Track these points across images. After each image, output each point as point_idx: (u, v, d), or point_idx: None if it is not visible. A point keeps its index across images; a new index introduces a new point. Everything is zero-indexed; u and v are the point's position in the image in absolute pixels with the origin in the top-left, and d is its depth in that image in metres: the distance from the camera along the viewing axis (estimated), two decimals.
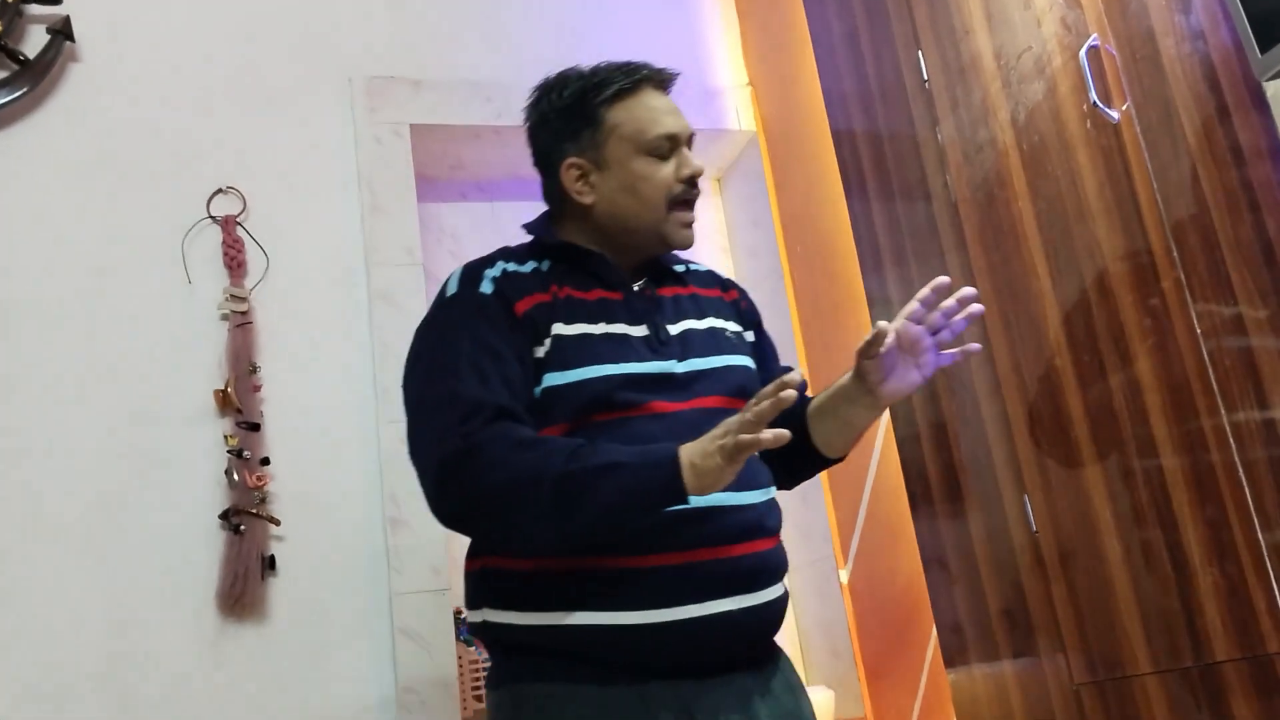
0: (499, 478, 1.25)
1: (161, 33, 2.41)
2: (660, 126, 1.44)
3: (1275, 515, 1.41)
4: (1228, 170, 1.45)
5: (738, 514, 1.35)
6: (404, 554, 2.26)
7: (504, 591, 1.36)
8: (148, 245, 2.26)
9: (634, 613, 1.28)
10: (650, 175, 1.44)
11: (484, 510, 1.27)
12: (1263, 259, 1.40)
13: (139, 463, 2.14)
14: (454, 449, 1.26)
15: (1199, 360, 1.50)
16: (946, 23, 2.00)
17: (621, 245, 1.47)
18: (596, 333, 1.39)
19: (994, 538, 1.92)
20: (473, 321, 1.37)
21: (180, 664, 2.07)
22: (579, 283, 1.44)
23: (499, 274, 1.42)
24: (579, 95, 1.47)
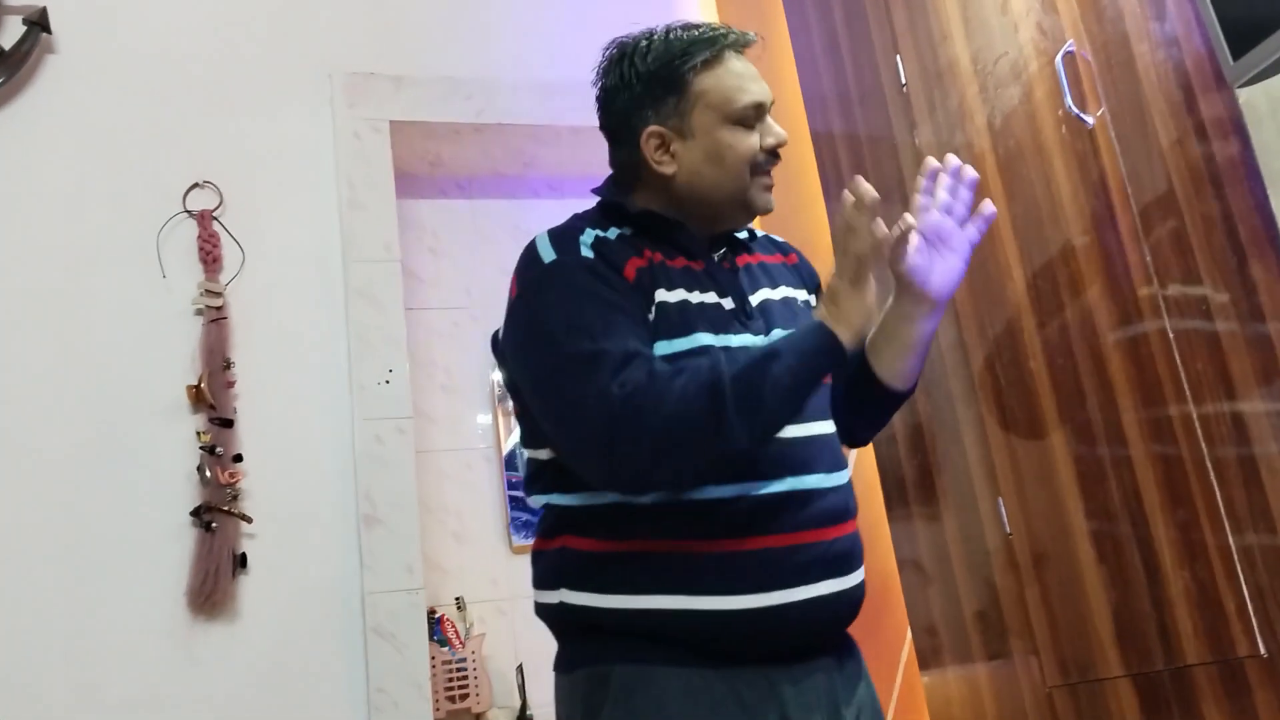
0: (672, 408, 1.20)
1: (140, 25, 2.39)
2: (748, 95, 1.39)
3: (1246, 519, 1.41)
4: (1200, 175, 1.46)
5: (830, 496, 1.32)
6: (377, 552, 2.25)
7: (585, 573, 1.31)
8: (122, 239, 2.25)
9: (729, 597, 1.25)
10: (736, 144, 1.38)
11: (666, 447, 1.21)
12: (1235, 264, 1.41)
13: (110, 457, 2.13)
14: (615, 400, 1.21)
15: (1171, 364, 1.51)
16: (925, 27, 2.01)
17: (699, 215, 1.42)
18: (694, 301, 1.35)
19: (968, 540, 1.92)
20: (587, 282, 1.30)
21: (149, 662, 2.05)
22: (665, 251, 1.39)
23: (593, 240, 1.36)
24: (664, 62, 1.40)
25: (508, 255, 2.83)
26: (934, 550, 2.02)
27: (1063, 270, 1.70)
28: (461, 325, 2.75)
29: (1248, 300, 1.40)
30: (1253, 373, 1.40)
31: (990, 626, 1.88)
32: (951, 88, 1.94)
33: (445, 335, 2.73)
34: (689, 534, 1.26)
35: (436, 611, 2.51)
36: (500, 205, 2.89)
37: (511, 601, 2.63)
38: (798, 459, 1.30)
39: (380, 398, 2.33)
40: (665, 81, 1.39)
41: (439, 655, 2.45)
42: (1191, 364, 1.48)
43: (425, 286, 2.75)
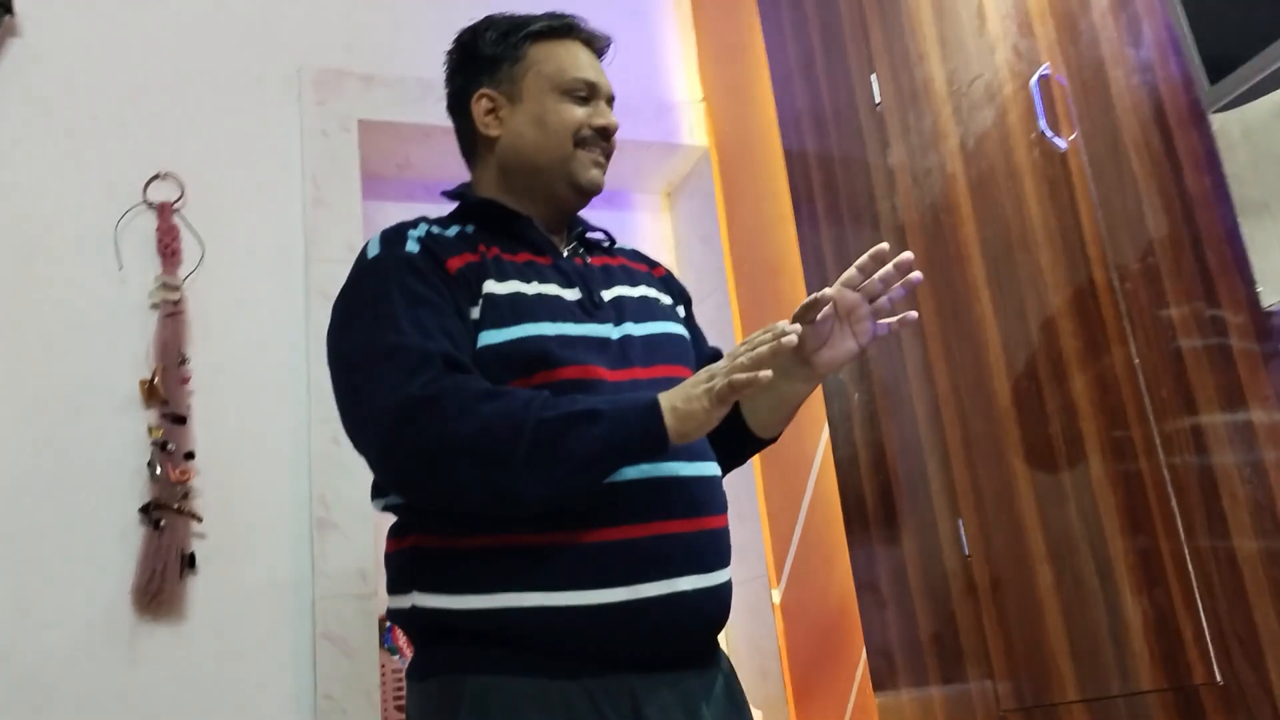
0: (466, 428, 1.16)
1: (106, 10, 2.35)
2: (581, 71, 1.43)
3: (1206, 547, 1.41)
4: (1172, 201, 1.46)
5: (694, 485, 1.29)
6: (330, 557, 2.21)
7: (438, 572, 1.25)
8: (79, 228, 2.20)
9: (583, 592, 1.20)
10: (561, 111, 1.41)
11: (445, 464, 1.17)
12: (1203, 291, 1.41)
13: (58, 450, 2.07)
14: (409, 397, 1.17)
15: (1136, 391, 1.51)
16: (901, 47, 2.01)
17: (531, 191, 1.43)
18: (530, 292, 1.33)
19: (927, 562, 1.91)
20: (403, 278, 1.29)
21: (91, 661, 1.99)
22: (505, 245, 1.38)
23: (423, 234, 1.36)
24: (503, 32, 1.46)
25: None
26: (893, 572, 2.01)
27: (1031, 294, 1.70)
28: None
29: (1214, 326, 1.40)
30: (1217, 398, 1.40)
31: (946, 649, 1.87)
32: (926, 109, 1.94)
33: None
34: (542, 526, 1.22)
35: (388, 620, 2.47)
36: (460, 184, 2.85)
37: None
38: None
39: None
40: (503, 48, 1.45)
41: (389, 664, 2.41)
42: (1156, 389, 1.48)
43: None
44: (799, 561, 2.45)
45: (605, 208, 2.80)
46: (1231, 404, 1.38)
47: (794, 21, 2.38)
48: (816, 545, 2.39)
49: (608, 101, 1.46)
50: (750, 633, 2.54)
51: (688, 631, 1.27)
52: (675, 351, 1.42)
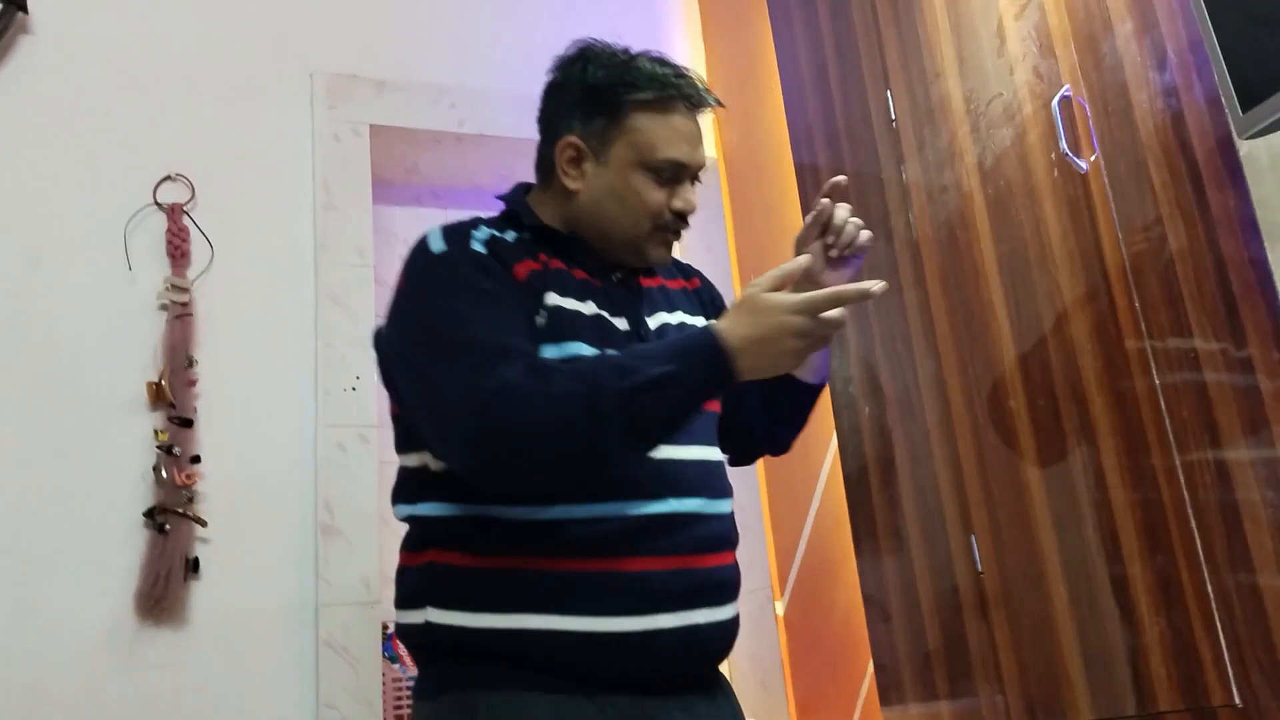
0: (551, 409, 1.16)
1: (120, 10, 2.33)
2: (676, 151, 1.37)
3: (1225, 566, 1.42)
4: (1194, 225, 1.47)
5: (713, 523, 1.31)
6: (334, 564, 2.20)
7: (455, 589, 1.25)
8: (89, 227, 2.18)
9: (602, 619, 1.21)
10: (643, 192, 1.36)
11: (534, 449, 1.17)
12: (1225, 315, 1.42)
13: (63, 452, 2.06)
14: (493, 390, 1.16)
15: (1156, 411, 1.52)
16: (918, 64, 2.02)
17: (593, 240, 1.40)
18: (586, 312, 1.33)
19: (938, 576, 1.92)
20: (473, 275, 1.27)
21: (93, 665, 1.98)
22: (564, 260, 1.37)
23: (487, 237, 1.32)
24: (611, 81, 1.38)
25: None
26: (901, 585, 2.01)
27: (1048, 312, 1.71)
28: None
29: (1237, 352, 1.41)
30: (1239, 422, 1.41)
31: (956, 664, 1.87)
32: (942, 126, 1.95)
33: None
34: (564, 552, 1.23)
35: (389, 627, 2.45)
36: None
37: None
38: (680, 481, 1.29)
39: (345, 404, 2.28)
40: (603, 100, 1.38)
41: (390, 673, 2.40)
42: (1177, 411, 1.49)
43: None
44: (803, 574, 2.45)
45: None
46: (1255, 428, 1.39)
47: (807, 35, 2.39)
48: (822, 558, 2.39)
49: (695, 177, 1.42)
50: (752, 645, 2.54)
51: (697, 661, 1.30)
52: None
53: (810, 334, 1.17)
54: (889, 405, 2.06)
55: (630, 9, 2.90)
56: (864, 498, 2.12)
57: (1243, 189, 1.38)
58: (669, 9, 2.97)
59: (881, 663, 2.06)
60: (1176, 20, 1.52)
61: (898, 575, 2.02)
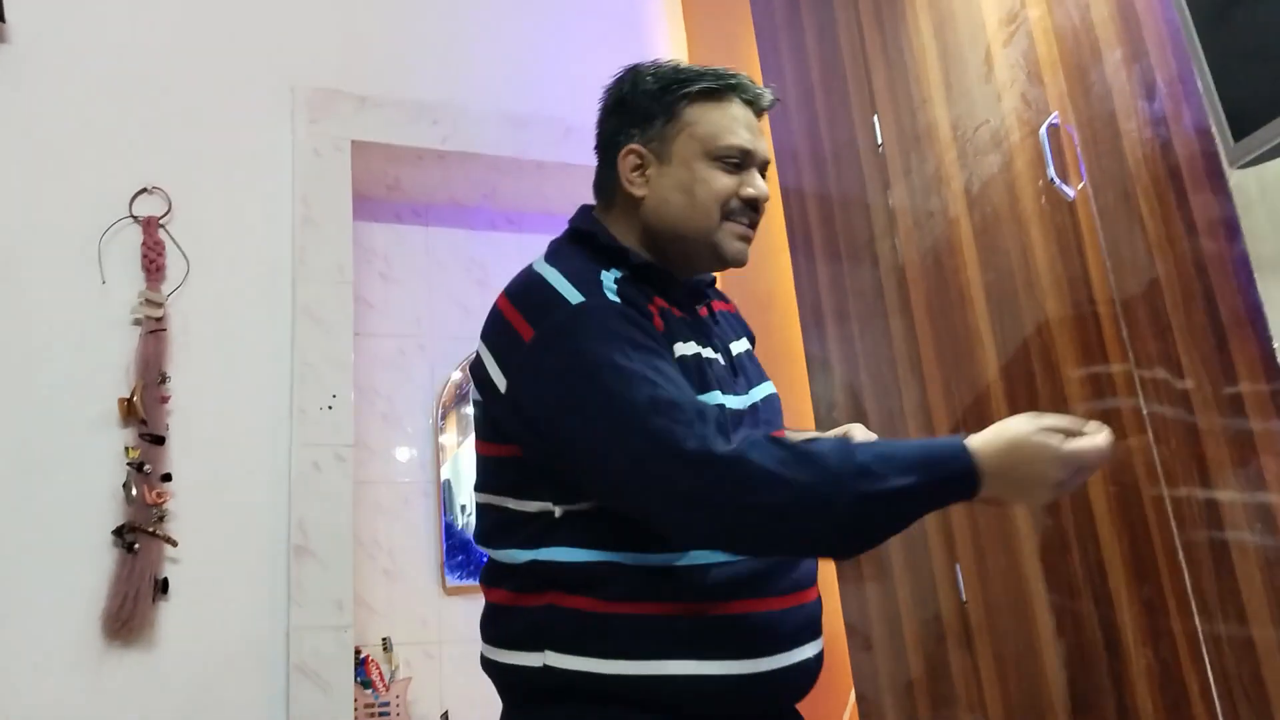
0: (781, 497, 1.12)
1: (98, 21, 2.30)
2: (736, 137, 1.34)
3: (1213, 600, 1.41)
4: (1182, 254, 1.47)
5: (810, 559, 1.32)
6: (307, 586, 2.16)
7: (581, 634, 1.21)
8: (63, 239, 2.15)
9: (740, 661, 1.20)
10: (711, 181, 1.32)
11: (757, 529, 1.14)
12: (1214, 343, 1.41)
13: (31, 467, 2.01)
14: (706, 457, 1.12)
15: (1143, 440, 1.51)
16: (905, 90, 2.02)
17: (671, 252, 1.36)
18: (706, 355, 1.30)
19: (921, 605, 1.90)
20: (624, 328, 1.22)
21: (59, 686, 1.93)
22: (665, 297, 1.34)
23: (614, 285, 1.28)
24: (663, 85, 1.36)
25: (460, 285, 2.81)
26: (884, 613, 1.99)
27: (1035, 340, 1.70)
28: (408, 354, 2.68)
29: (1225, 382, 1.40)
30: (1228, 457, 1.40)
31: (939, 694, 1.85)
32: (929, 152, 1.95)
33: (390, 363, 2.66)
34: (700, 596, 1.21)
35: (361, 651, 2.41)
36: (456, 235, 2.83)
37: (440, 645, 2.54)
38: None
39: (321, 423, 2.25)
40: (658, 103, 1.36)
41: (361, 698, 2.35)
42: (1165, 444, 1.48)
43: (374, 312, 2.68)
44: None
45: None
46: (1244, 463, 1.38)
47: (793, 60, 2.38)
48: None
49: (762, 168, 1.38)
50: None
51: (800, 694, 1.30)
52: (779, 413, 1.41)
53: (1062, 484, 1.13)
54: (874, 431, 2.04)
55: (615, 32, 2.90)
56: None
57: (1232, 219, 1.37)
58: (655, 33, 2.97)
59: (863, 692, 2.04)
60: (1166, 49, 1.52)
61: (881, 604, 2.00)
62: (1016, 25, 1.78)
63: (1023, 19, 1.77)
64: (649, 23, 2.97)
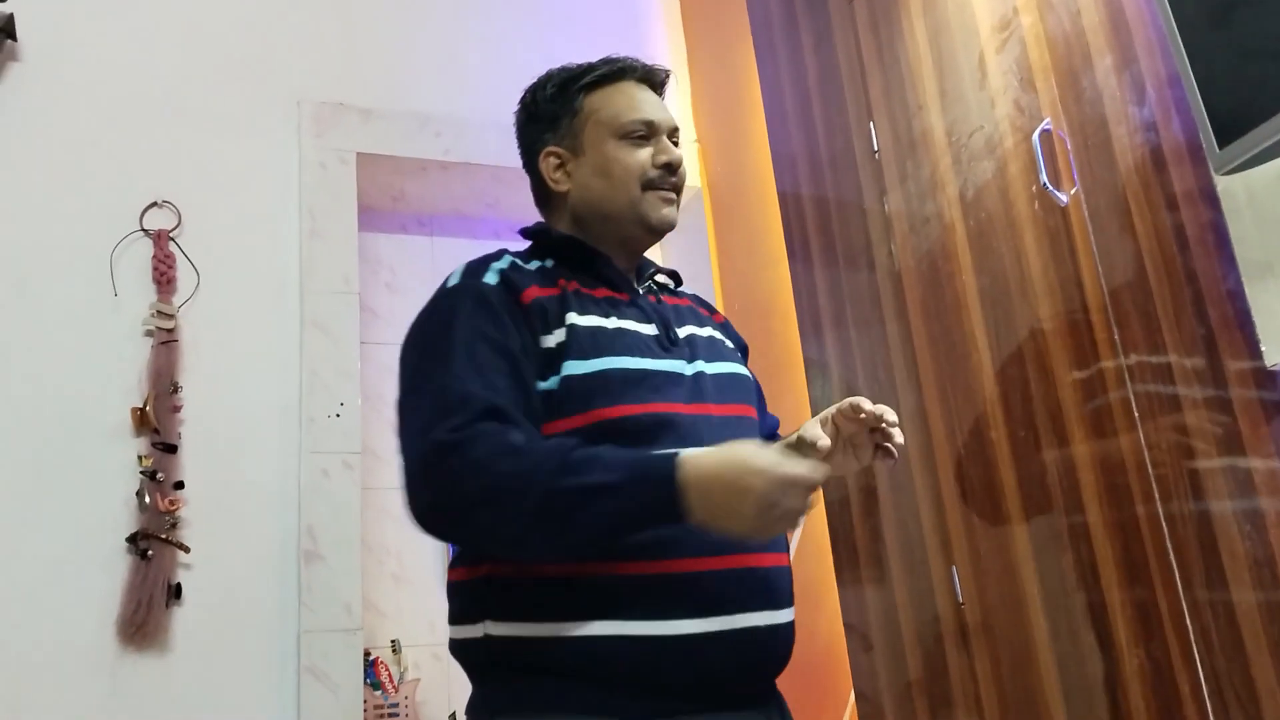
0: (479, 483, 1.16)
1: (108, 39, 2.35)
2: (638, 112, 1.42)
3: (1204, 600, 1.43)
4: (1173, 259, 1.49)
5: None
6: (316, 590, 2.19)
7: (514, 600, 1.23)
8: (75, 253, 2.18)
9: (660, 622, 1.18)
10: (623, 158, 1.40)
11: (458, 515, 1.18)
12: (1204, 349, 1.44)
13: (47, 476, 2.05)
14: (435, 445, 1.18)
15: (1135, 443, 1.53)
16: (900, 97, 2.05)
17: (605, 236, 1.42)
18: (610, 326, 1.33)
19: (919, 607, 1.92)
20: (474, 310, 1.29)
21: (73, 692, 1.97)
22: (585, 281, 1.39)
23: (505, 265, 1.36)
24: (560, 86, 1.46)
25: None
26: (882, 615, 2.02)
27: (1029, 343, 1.73)
28: None
29: (1215, 386, 1.43)
30: (1218, 461, 1.42)
31: (937, 694, 1.87)
32: (924, 158, 1.97)
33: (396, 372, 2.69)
34: (621, 555, 1.20)
35: (371, 653, 2.44)
36: (460, 244, 2.87)
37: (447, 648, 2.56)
38: None
39: (329, 431, 2.28)
40: (560, 103, 1.45)
41: (371, 699, 2.38)
42: (1156, 447, 1.50)
43: (380, 321, 2.71)
44: None
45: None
46: (1230, 457, 1.40)
47: (791, 68, 2.41)
48: (803, 587, 2.38)
49: (671, 135, 1.44)
50: None
51: (755, 667, 1.25)
52: (745, 392, 1.42)
53: (773, 505, 1.09)
54: None
55: (616, 41, 2.93)
56: (846, 527, 2.13)
57: (1220, 224, 1.39)
58: (655, 41, 3.00)
59: (863, 692, 2.06)
60: (1155, 55, 1.54)
61: (879, 605, 2.03)
62: (1009, 32, 1.81)
63: (1015, 26, 1.79)
64: (648, 33, 3.00)
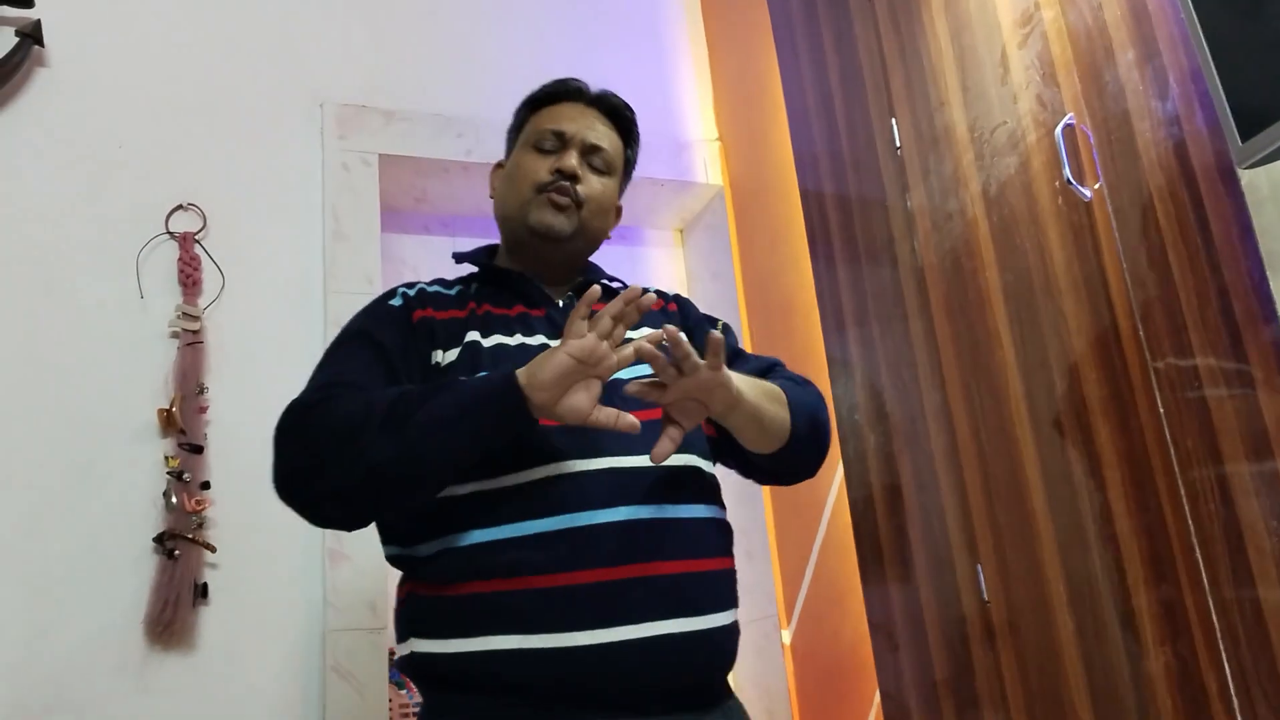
0: (332, 418, 1.22)
1: (133, 45, 2.37)
2: (553, 124, 1.49)
3: (1230, 595, 1.42)
4: (1197, 253, 1.47)
5: (678, 528, 1.29)
6: (341, 590, 2.20)
7: (428, 617, 1.28)
8: (102, 256, 2.21)
9: (556, 635, 1.20)
10: (524, 163, 1.48)
11: (313, 452, 1.21)
12: (1229, 342, 1.42)
13: (74, 477, 2.07)
14: (289, 407, 1.26)
15: (1161, 438, 1.52)
16: (922, 93, 2.04)
17: (511, 243, 1.51)
18: (512, 344, 1.38)
19: (944, 605, 1.91)
20: (365, 322, 1.40)
21: (101, 690, 1.99)
22: (502, 300, 1.45)
23: (414, 291, 1.45)
24: (520, 105, 1.58)
25: None
26: (908, 614, 2.01)
27: (1053, 340, 1.71)
28: None
29: (1240, 380, 1.41)
30: (1243, 454, 1.40)
31: (963, 694, 1.86)
32: (947, 154, 1.96)
33: None
34: (519, 570, 1.23)
35: (395, 653, 2.46)
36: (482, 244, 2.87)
37: None
38: (633, 488, 1.27)
39: None
40: (515, 121, 1.58)
41: (396, 698, 2.40)
42: (1181, 440, 1.49)
43: None
44: (810, 602, 2.44)
45: (618, 243, 2.82)
46: (1259, 456, 1.38)
47: (812, 65, 2.40)
48: (829, 586, 2.38)
49: (586, 151, 1.49)
50: (758, 673, 2.53)
51: (671, 675, 1.25)
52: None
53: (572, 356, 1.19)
54: (895, 433, 2.06)
55: (636, 38, 2.93)
56: (870, 526, 2.12)
57: (1244, 218, 1.38)
58: (675, 39, 3.00)
59: (888, 691, 2.05)
60: (1177, 49, 1.53)
61: (904, 604, 2.02)
62: (1031, 27, 1.79)
63: (1037, 20, 1.78)
64: (669, 31, 3.00)
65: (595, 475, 1.27)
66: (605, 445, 1.28)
